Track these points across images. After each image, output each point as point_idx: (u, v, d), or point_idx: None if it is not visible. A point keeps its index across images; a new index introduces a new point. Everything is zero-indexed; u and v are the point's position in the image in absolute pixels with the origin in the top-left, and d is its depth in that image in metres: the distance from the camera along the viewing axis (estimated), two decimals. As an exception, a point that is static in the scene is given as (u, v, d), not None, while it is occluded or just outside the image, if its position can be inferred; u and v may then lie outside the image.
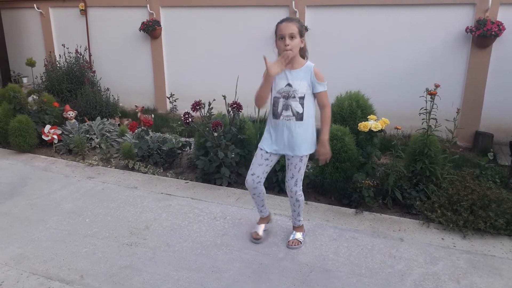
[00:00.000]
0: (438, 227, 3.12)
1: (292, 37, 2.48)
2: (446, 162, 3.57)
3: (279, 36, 2.50)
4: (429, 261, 2.73)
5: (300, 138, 2.61)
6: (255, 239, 2.94)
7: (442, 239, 2.99)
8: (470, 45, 4.93)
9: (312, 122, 2.65)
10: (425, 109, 3.41)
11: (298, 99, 2.56)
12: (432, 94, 3.34)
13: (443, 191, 3.31)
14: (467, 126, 4.94)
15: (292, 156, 2.67)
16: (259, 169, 2.73)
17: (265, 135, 2.73)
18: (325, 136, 2.62)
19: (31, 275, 2.61)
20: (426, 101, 3.40)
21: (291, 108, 2.57)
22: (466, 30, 4.83)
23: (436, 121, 3.38)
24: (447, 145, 3.64)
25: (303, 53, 2.65)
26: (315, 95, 2.62)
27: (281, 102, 2.58)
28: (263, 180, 2.76)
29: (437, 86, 3.37)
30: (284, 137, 2.62)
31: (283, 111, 2.58)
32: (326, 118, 2.64)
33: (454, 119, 3.51)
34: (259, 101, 2.60)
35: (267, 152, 2.70)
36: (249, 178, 2.76)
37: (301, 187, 2.78)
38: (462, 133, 4.82)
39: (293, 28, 2.48)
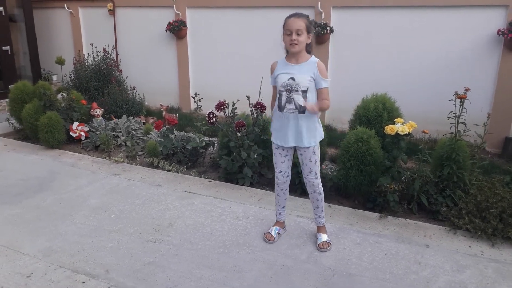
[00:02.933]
0: (466, 235, 3.04)
1: (298, 33, 2.53)
2: (474, 168, 3.48)
3: (286, 31, 2.57)
4: (456, 269, 2.66)
5: (306, 130, 2.66)
6: (269, 240, 2.95)
7: (470, 247, 2.91)
8: (501, 48, 4.78)
9: (317, 114, 2.71)
10: (453, 113, 3.33)
11: (300, 92, 2.61)
12: (461, 98, 3.27)
13: (471, 198, 3.23)
14: (497, 132, 4.79)
15: (305, 151, 2.71)
16: (284, 165, 2.85)
17: (273, 129, 2.80)
18: (317, 106, 2.57)
19: (58, 267, 2.68)
20: (455, 105, 3.32)
21: (293, 101, 2.62)
22: (497, 32, 4.69)
23: (465, 126, 3.29)
24: (476, 150, 3.55)
25: (309, 48, 2.68)
26: (317, 91, 2.65)
27: (284, 95, 2.63)
28: (290, 173, 2.90)
29: (467, 90, 3.30)
30: (289, 129, 2.68)
31: (286, 104, 2.64)
32: (323, 103, 2.62)
33: (484, 124, 3.42)
34: None
35: (283, 150, 2.79)
36: (278, 175, 2.88)
37: (320, 179, 2.83)
38: (491, 139, 4.68)
39: (300, 24, 2.53)
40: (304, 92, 2.60)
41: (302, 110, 2.62)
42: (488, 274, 2.61)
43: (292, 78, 2.60)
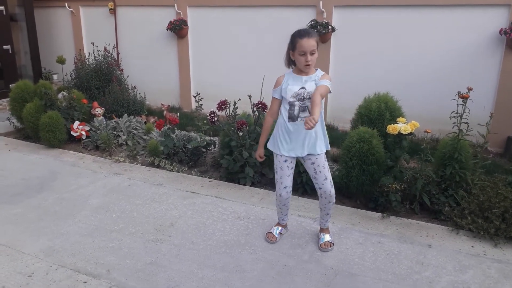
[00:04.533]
0: (468, 234, 3.03)
1: (312, 53, 2.54)
2: (477, 168, 3.46)
3: (300, 52, 2.54)
4: (458, 269, 2.65)
5: (319, 136, 2.67)
6: (271, 240, 2.94)
7: (472, 246, 2.90)
8: (504, 47, 4.77)
9: (323, 121, 2.74)
10: (456, 113, 3.32)
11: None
12: (464, 98, 3.25)
13: (474, 197, 3.21)
14: (499, 131, 4.77)
15: (317, 158, 2.68)
16: (289, 179, 2.78)
17: (281, 141, 2.70)
18: (316, 104, 2.40)
19: (60, 267, 2.67)
20: (457, 104, 3.31)
21: (308, 109, 2.61)
22: (500, 32, 4.68)
23: (468, 125, 3.28)
24: (478, 150, 3.54)
25: None
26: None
27: (298, 104, 2.62)
28: (292, 189, 2.84)
29: (469, 89, 3.28)
30: (304, 138, 2.64)
31: (301, 112, 2.62)
32: (316, 98, 2.44)
33: (486, 123, 3.41)
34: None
35: (291, 162, 2.74)
36: (283, 192, 2.79)
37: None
38: (493, 138, 4.66)
39: (313, 44, 2.53)
40: None
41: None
42: (490, 274, 2.60)
43: (303, 88, 2.60)
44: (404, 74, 5.29)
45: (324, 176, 2.71)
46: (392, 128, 3.13)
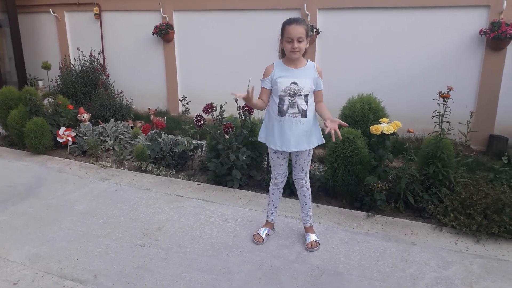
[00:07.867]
0: (451, 231, 3.09)
1: (299, 40, 2.54)
2: (459, 166, 3.53)
3: (287, 39, 2.55)
4: (442, 265, 2.70)
5: (307, 134, 2.69)
6: (258, 241, 2.97)
7: (455, 243, 2.96)
8: (484, 47, 4.87)
9: (315, 117, 2.75)
10: (438, 112, 3.38)
11: (303, 97, 2.63)
12: (445, 97, 3.32)
13: (456, 195, 3.28)
14: (481, 129, 4.88)
15: (301, 152, 2.75)
16: (282, 167, 2.88)
17: (271, 135, 2.74)
18: (329, 114, 2.67)
19: (46, 274, 2.66)
20: (439, 104, 3.37)
21: (297, 106, 2.63)
22: (480, 32, 4.78)
23: (449, 124, 3.35)
24: (461, 148, 3.61)
25: (304, 52, 2.69)
26: (315, 92, 2.70)
27: (287, 100, 2.63)
28: (287, 172, 2.94)
29: (450, 89, 3.35)
30: (290, 134, 2.67)
31: (289, 108, 2.64)
32: (325, 107, 2.77)
33: (467, 122, 3.48)
34: (258, 108, 2.75)
35: (281, 153, 2.79)
36: (277, 177, 2.91)
37: (308, 177, 2.90)
38: (475, 137, 4.76)
39: (301, 31, 2.53)
40: (306, 96, 2.62)
41: (304, 114, 2.63)
42: (473, 270, 2.66)
43: (295, 83, 2.60)
44: (388, 75, 5.37)
45: (301, 168, 2.83)
46: (375, 129, 3.18)
